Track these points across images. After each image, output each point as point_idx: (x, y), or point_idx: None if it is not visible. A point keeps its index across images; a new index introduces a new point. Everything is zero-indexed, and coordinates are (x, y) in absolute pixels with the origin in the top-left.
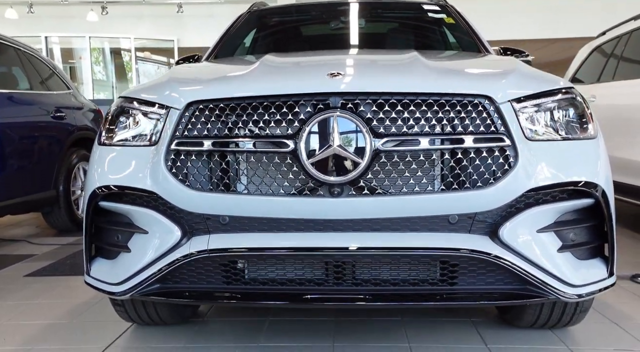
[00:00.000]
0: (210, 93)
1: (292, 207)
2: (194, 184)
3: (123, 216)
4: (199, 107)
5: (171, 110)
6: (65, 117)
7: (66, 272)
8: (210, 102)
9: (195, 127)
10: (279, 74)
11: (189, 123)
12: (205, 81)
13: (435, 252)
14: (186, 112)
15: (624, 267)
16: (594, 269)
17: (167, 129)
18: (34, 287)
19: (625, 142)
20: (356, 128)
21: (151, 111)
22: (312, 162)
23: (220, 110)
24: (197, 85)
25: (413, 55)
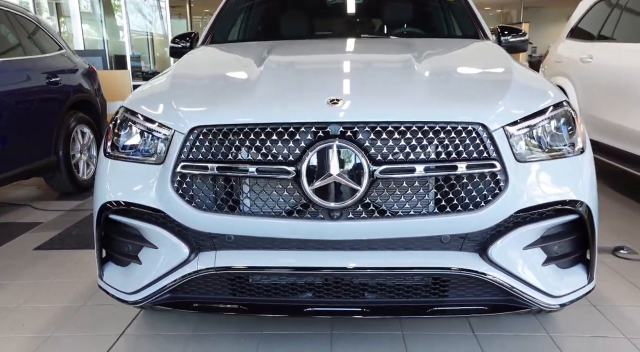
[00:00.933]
0: (213, 119)
1: (294, 229)
2: (200, 205)
3: (133, 228)
4: (203, 131)
5: (176, 132)
6: (61, 81)
7: (73, 245)
8: (213, 127)
9: (200, 151)
10: (280, 100)
11: (194, 146)
12: (208, 103)
13: (429, 271)
14: (190, 136)
15: (609, 235)
16: (575, 276)
17: (172, 151)
18: (44, 263)
19: (620, 108)
20: (355, 156)
21: (156, 129)
22: (312, 189)
23: (223, 135)
24: (200, 107)
25: (408, 62)
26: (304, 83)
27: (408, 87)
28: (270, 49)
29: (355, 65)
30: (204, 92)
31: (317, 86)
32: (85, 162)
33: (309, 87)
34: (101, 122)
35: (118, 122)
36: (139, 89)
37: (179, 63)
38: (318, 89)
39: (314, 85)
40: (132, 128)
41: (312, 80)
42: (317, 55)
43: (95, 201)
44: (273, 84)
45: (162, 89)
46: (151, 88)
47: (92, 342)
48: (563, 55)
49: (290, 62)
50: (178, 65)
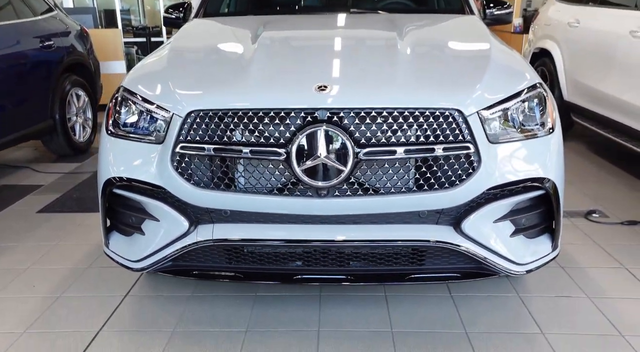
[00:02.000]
0: (209, 103)
1: (285, 205)
2: (198, 182)
3: (136, 202)
4: (200, 114)
5: (174, 115)
6: (54, 44)
7: (74, 208)
8: (209, 111)
9: (197, 133)
10: (271, 86)
11: (191, 129)
12: (205, 87)
13: (408, 243)
14: (188, 119)
15: (584, 199)
16: (541, 245)
17: (171, 132)
18: (48, 226)
19: (604, 75)
20: (340, 139)
21: (155, 111)
22: (302, 169)
23: (219, 118)
24: (196, 91)
25: (392, 44)
26: (294, 68)
27: (390, 73)
28: (262, 27)
29: (342, 49)
30: (201, 74)
31: (306, 72)
32: (81, 125)
33: (299, 73)
34: (95, 84)
35: (118, 101)
36: (138, 67)
37: (175, 39)
38: (307, 75)
39: (304, 71)
40: (132, 108)
41: (302, 65)
42: (306, 35)
43: (100, 176)
44: (265, 68)
45: (160, 69)
46: (150, 66)
47: (99, 302)
48: (552, 17)
49: (281, 44)
50: (174, 41)
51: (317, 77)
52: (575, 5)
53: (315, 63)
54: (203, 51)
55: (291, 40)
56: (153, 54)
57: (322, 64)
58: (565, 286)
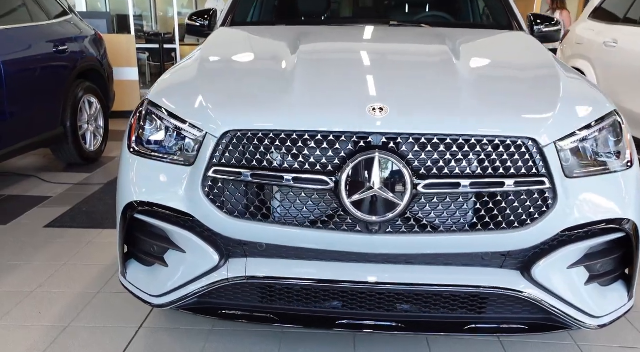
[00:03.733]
0: (248, 123)
1: (330, 240)
2: (232, 211)
3: (159, 229)
4: (237, 135)
5: (207, 135)
6: (68, 49)
7: (84, 224)
8: (248, 132)
9: (233, 156)
10: (319, 107)
11: (227, 151)
12: (243, 104)
13: (468, 289)
14: (223, 140)
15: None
16: (615, 293)
17: (203, 153)
18: (56, 243)
19: None
20: (397, 169)
21: (186, 129)
22: (351, 201)
23: (258, 140)
24: (234, 109)
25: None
26: (343, 86)
27: (453, 95)
28: (298, 38)
29: (394, 66)
30: (237, 89)
31: (358, 92)
32: (93, 133)
33: (350, 92)
34: (108, 91)
35: (142, 116)
36: (165, 79)
37: (204, 50)
38: (359, 94)
39: (354, 89)
40: (159, 124)
41: (352, 83)
42: (350, 49)
43: (120, 198)
44: (310, 86)
45: (190, 82)
46: (178, 78)
47: (111, 335)
48: (584, 36)
49: (324, 58)
50: (204, 51)
51: (370, 97)
52: (611, 24)
53: (366, 81)
54: (237, 64)
55: (334, 55)
56: (180, 64)
57: (374, 82)
58: (629, 335)
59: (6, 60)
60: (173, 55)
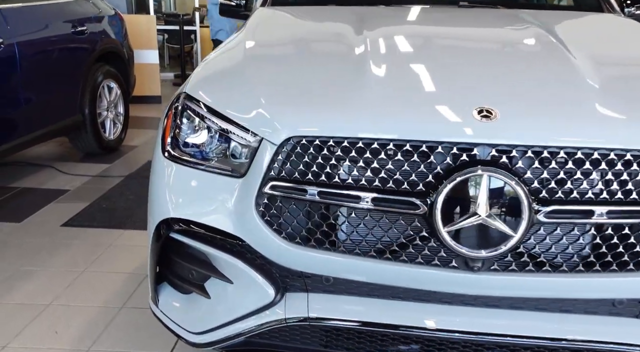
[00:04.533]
0: (317, 127)
1: (415, 277)
2: (292, 236)
3: (200, 253)
4: (302, 142)
5: (264, 141)
6: (87, 30)
7: (104, 223)
8: (315, 139)
9: (297, 168)
10: (406, 107)
11: (289, 161)
12: (309, 104)
13: (593, 345)
14: (284, 148)
15: None
16: None
17: (258, 163)
18: (74, 245)
19: None
20: (511, 191)
21: (236, 133)
22: (449, 231)
23: (329, 150)
24: (299, 110)
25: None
26: (435, 83)
27: (581, 96)
28: (361, 21)
29: (493, 57)
30: (300, 84)
31: (456, 90)
32: (112, 121)
33: (445, 90)
34: (128, 75)
35: (178, 112)
36: (205, 68)
37: (248, 34)
38: (458, 94)
39: (451, 88)
40: (197, 123)
41: (445, 79)
42: (429, 36)
43: (152, 213)
44: (392, 81)
45: (238, 73)
46: (222, 69)
47: None
48: None
49: (402, 46)
50: (248, 37)
51: (472, 97)
52: None
53: (463, 76)
54: (294, 52)
55: (413, 41)
56: (220, 50)
57: (474, 77)
58: None
59: (20, 42)
60: (192, 37)
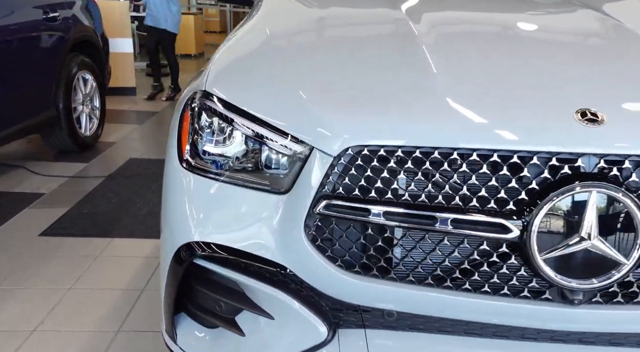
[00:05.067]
0: (382, 135)
1: (500, 311)
2: (350, 264)
3: (231, 282)
4: (363, 152)
5: (316, 151)
6: (59, 17)
7: (88, 231)
8: (380, 148)
9: (357, 184)
10: (490, 109)
11: (347, 176)
12: (370, 106)
13: None
14: (341, 160)
15: None
16: None
17: (306, 178)
18: (56, 257)
19: None
20: (623, 211)
21: (274, 139)
22: (545, 258)
23: (398, 162)
24: (357, 111)
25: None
26: (522, 81)
27: None
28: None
29: (586, 52)
30: (351, 82)
31: (550, 90)
32: (88, 116)
33: (535, 90)
34: (104, 66)
35: (198, 116)
36: (224, 60)
37: (268, 18)
38: (553, 93)
39: (542, 87)
40: (225, 128)
41: (533, 76)
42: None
43: (171, 236)
44: (470, 78)
45: (269, 66)
46: (247, 60)
47: None
48: None
49: (464, 35)
50: (270, 22)
51: (572, 96)
52: None
53: (554, 73)
54: (334, 41)
55: (482, 29)
56: (236, 39)
57: (566, 73)
58: None
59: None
60: None
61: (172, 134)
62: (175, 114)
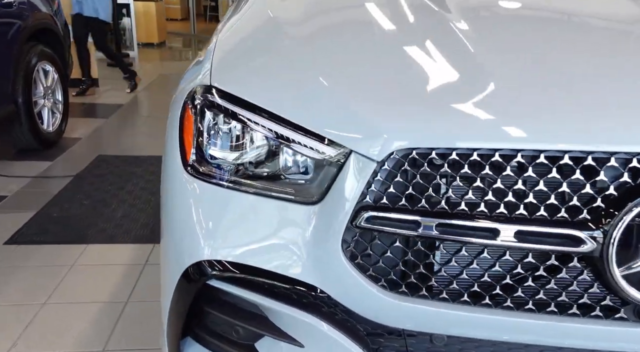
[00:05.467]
0: (437, 135)
1: (565, 332)
2: (395, 284)
3: (251, 304)
4: (412, 156)
5: (356, 156)
6: (14, 2)
7: (60, 237)
8: (430, 151)
9: (403, 192)
10: (556, 103)
11: (392, 183)
12: (419, 101)
13: None
14: (385, 165)
15: None
16: None
17: (343, 187)
18: (25, 269)
19: None
20: None
21: (298, 140)
22: (625, 274)
23: (452, 166)
24: (406, 108)
25: None
26: (588, 71)
27: None
28: None
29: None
30: (390, 73)
31: (622, 81)
32: (50, 110)
33: (607, 81)
34: (66, 56)
35: (201, 115)
36: (229, 50)
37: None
38: (627, 86)
39: (612, 77)
40: (241, 129)
41: (600, 66)
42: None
43: (177, 253)
44: (527, 70)
45: (289, 54)
46: (257, 50)
47: None
48: None
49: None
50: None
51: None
52: None
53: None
54: (357, 27)
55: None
56: (237, 24)
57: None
58: None
59: None
60: (124, 11)
61: (170, 134)
62: (173, 113)
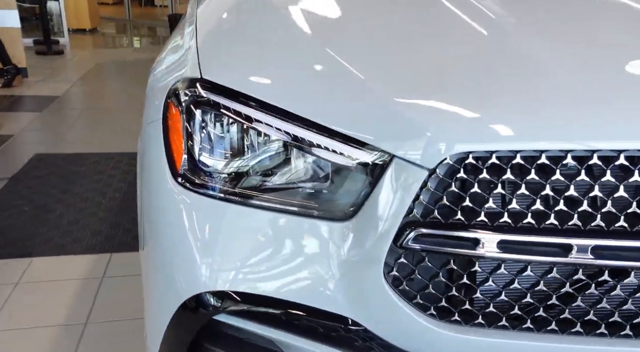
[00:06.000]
0: (503, 135)
1: None
2: (446, 313)
3: (265, 340)
4: (469, 161)
5: (398, 161)
6: None
7: (6, 250)
8: (491, 154)
9: (459, 206)
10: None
11: (445, 194)
12: (475, 95)
13: None
14: (439, 172)
15: None
16: None
17: (384, 199)
18: None
19: None
20: None
21: (320, 143)
22: None
23: (516, 172)
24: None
25: None
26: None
27: None
28: None
29: None
30: (432, 64)
31: None
32: None
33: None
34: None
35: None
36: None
37: None
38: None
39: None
40: (238, 131)
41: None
42: None
43: (169, 284)
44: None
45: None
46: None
47: None
48: None
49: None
50: None
51: None
52: None
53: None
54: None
55: None
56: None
57: None
58: None
59: None
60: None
61: (151, 138)
62: (152, 110)
